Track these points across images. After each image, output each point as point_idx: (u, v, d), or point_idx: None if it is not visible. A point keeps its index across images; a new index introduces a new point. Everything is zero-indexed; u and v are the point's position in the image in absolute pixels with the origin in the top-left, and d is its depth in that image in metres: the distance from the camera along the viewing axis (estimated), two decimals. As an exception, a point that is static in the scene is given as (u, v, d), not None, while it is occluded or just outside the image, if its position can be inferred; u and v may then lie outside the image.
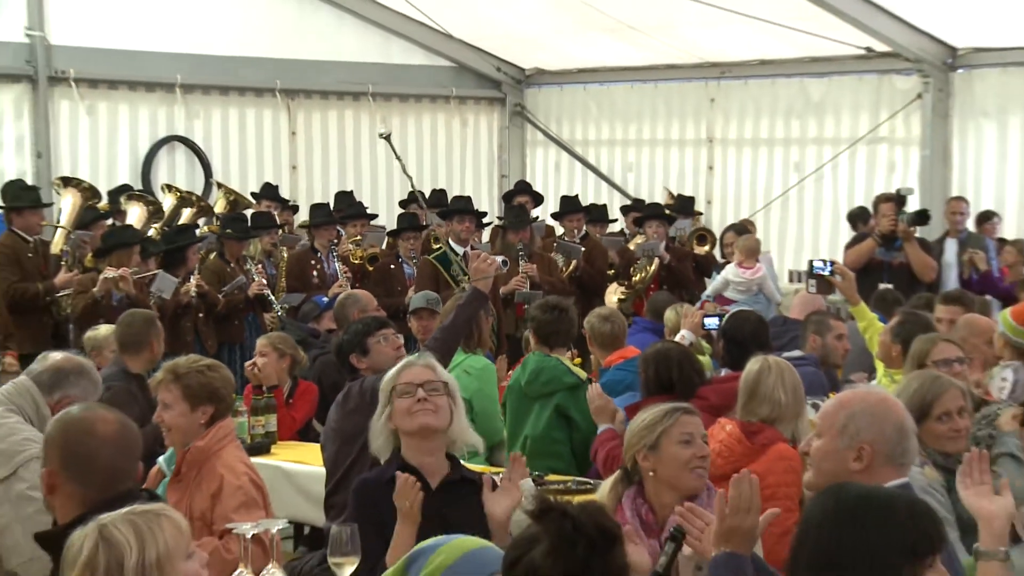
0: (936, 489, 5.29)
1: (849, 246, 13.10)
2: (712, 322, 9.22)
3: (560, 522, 3.09)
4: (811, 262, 11.84)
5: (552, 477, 7.08)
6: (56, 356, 5.94)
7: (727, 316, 8.97)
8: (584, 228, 13.59)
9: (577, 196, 14.71)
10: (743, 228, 13.30)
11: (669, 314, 9.83)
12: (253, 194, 14.31)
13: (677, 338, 8.87)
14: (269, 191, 14.17)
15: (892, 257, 11.66)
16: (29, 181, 13.14)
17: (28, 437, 5.05)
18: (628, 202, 15.41)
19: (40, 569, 4.43)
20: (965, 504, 4.37)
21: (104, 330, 8.69)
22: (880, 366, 8.30)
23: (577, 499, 5.01)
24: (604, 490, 5.02)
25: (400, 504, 4.84)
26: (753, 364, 6.30)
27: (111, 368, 7.78)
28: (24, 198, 11.63)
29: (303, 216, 14.07)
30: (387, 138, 12.19)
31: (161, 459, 5.74)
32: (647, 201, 14.83)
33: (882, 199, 12.24)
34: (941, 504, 5.12)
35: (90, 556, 3.37)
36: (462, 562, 3.30)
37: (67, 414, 4.67)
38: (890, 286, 10.90)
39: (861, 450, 4.33)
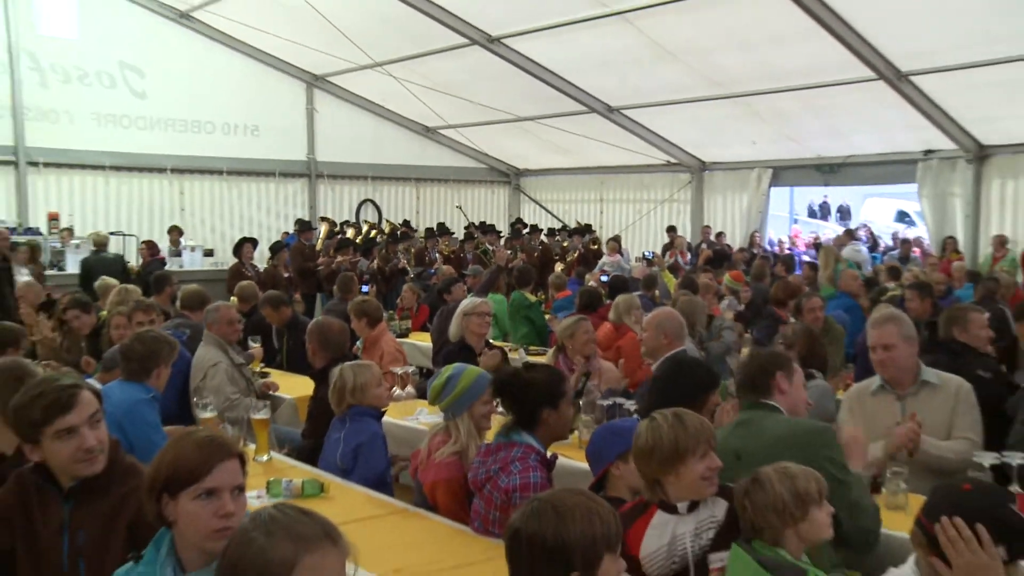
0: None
1: (666, 246, 13.05)
2: (604, 278, 9.18)
3: (541, 368, 3.04)
4: (643, 252, 11.94)
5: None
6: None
7: (611, 277, 8.93)
8: (540, 239, 13.50)
9: (536, 224, 14.44)
10: (615, 239, 13.19)
11: (587, 277, 9.76)
12: (401, 223, 14.19)
13: (590, 283, 8.81)
14: (406, 223, 14.12)
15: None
16: (306, 218, 13.13)
17: (214, 362, 4.62)
18: (570, 227, 15.17)
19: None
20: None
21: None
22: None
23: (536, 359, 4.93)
24: (550, 355, 4.87)
25: (487, 363, 4.78)
26: (621, 297, 6.23)
27: (336, 300, 7.65)
28: (305, 226, 11.74)
29: (421, 233, 13.97)
30: (459, 207, 12.12)
31: (358, 342, 5.70)
32: (574, 226, 14.59)
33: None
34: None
35: (338, 378, 3.49)
36: (475, 381, 3.19)
37: (317, 320, 4.62)
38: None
39: (665, 335, 4.28)
